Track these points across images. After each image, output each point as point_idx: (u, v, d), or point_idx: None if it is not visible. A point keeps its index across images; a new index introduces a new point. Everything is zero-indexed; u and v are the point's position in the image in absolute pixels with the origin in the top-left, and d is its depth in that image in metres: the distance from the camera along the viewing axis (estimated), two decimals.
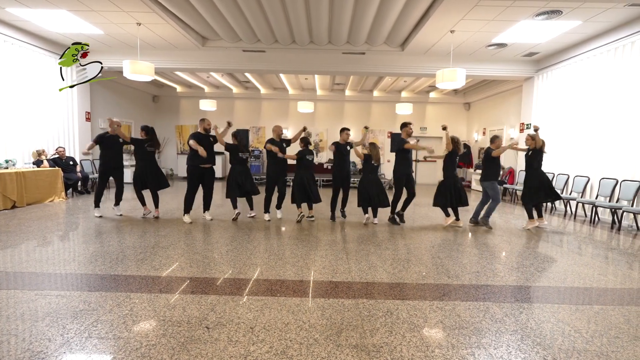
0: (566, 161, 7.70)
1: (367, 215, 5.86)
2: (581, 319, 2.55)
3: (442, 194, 5.69)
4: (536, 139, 5.44)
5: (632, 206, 5.78)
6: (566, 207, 7.36)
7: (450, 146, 5.68)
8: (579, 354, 2.10)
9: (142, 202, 6.00)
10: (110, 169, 5.85)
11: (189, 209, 5.65)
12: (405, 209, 5.93)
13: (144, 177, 5.87)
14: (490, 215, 5.68)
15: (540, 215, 5.69)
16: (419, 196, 7.73)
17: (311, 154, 5.98)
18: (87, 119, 9.38)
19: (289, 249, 4.24)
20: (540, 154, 5.51)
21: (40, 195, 6.99)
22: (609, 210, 6.24)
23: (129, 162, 10.78)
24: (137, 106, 12.49)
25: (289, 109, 13.60)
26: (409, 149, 5.74)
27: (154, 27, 7.15)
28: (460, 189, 5.66)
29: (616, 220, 5.94)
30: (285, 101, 13.62)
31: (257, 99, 13.63)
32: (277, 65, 8.90)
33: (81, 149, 9.09)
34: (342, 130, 6.08)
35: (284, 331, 2.28)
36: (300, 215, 5.87)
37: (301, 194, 5.84)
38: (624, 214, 5.86)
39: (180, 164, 13.06)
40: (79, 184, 8.44)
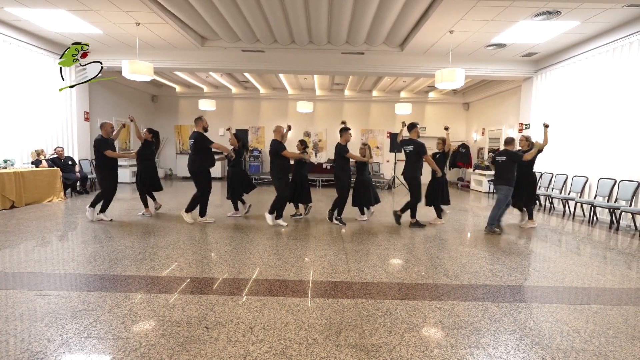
0: (565, 161, 7.72)
1: (371, 209, 6.17)
2: (579, 319, 2.56)
3: (435, 192, 5.90)
4: (531, 140, 5.65)
5: (630, 206, 5.80)
6: (565, 207, 7.37)
7: (449, 146, 5.97)
8: (577, 354, 2.10)
9: (146, 204, 6.14)
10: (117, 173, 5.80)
11: (204, 211, 5.57)
12: (405, 211, 5.87)
13: (145, 178, 6.04)
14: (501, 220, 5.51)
15: (528, 215, 5.89)
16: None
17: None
18: (86, 119, 9.37)
19: (288, 249, 4.24)
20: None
21: (39, 195, 6.98)
22: (607, 210, 6.26)
23: (127, 163, 10.81)
24: (136, 106, 12.47)
25: (288, 109, 13.60)
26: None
27: (153, 27, 7.15)
28: (446, 188, 5.93)
29: (614, 220, 5.96)
30: (284, 101, 13.63)
31: (256, 99, 13.63)
32: (276, 65, 8.90)
33: (80, 149, 9.09)
34: (345, 130, 5.74)
35: (283, 331, 2.28)
36: (298, 213, 6.17)
37: (302, 193, 6.10)
38: (622, 214, 5.88)
39: (179, 164, 13.05)
40: (78, 184, 8.41)
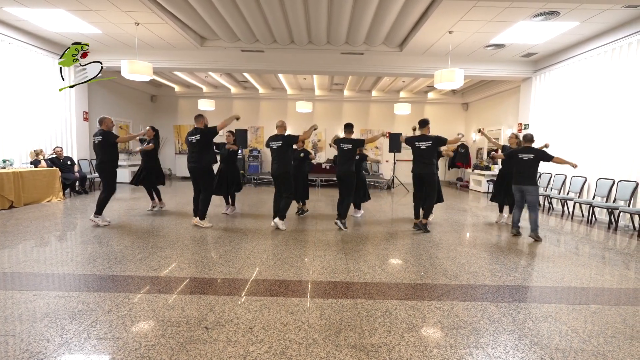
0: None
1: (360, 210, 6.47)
2: (578, 319, 2.56)
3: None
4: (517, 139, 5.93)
5: (628, 206, 5.81)
6: (563, 207, 7.39)
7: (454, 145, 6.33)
8: (575, 354, 2.11)
9: (153, 197, 6.54)
10: None
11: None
12: (428, 216, 5.43)
13: (151, 175, 6.44)
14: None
15: (501, 211, 6.23)
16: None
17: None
18: (85, 119, 9.35)
19: (288, 249, 4.24)
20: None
21: (37, 195, 6.97)
22: (605, 210, 6.28)
23: (127, 163, 10.80)
24: (135, 106, 12.46)
25: (288, 109, 13.60)
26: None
27: (153, 26, 7.14)
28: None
29: (613, 220, 5.99)
30: (283, 101, 13.62)
31: (256, 98, 13.62)
32: (275, 65, 8.90)
33: (79, 149, 9.07)
34: (350, 126, 5.48)
35: (283, 331, 2.28)
36: (305, 209, 6.55)
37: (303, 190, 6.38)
38: (621, 214, 5.89)
39: (178, 163, 13.04)
40: (77, 183, 8.41)
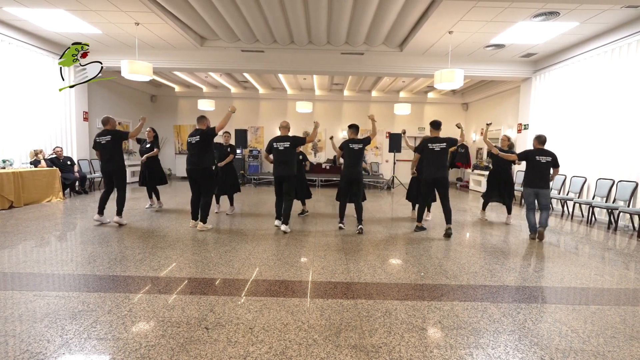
0: (563, 161, 7.67)
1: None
2: (578, 319, 2.57)
3: (418, 189, 6.06)
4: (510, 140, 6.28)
5: (628, 206, 5.82)
6: (563, 207, 7.39)
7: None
8: (575, 354, 2.11)
9: (151, 196, 6.75)
10: None
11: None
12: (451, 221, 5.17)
13: (154, 175, 6.64)
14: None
15: (508, 211, 6.23)
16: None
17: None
18: (85, 119, 9.35)
19: (288, 249, 4.24)
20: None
21: (37, 195, 6.96)
22: (605, 210, 6.28)
23: (128, 162, 10.79)
24: (135, 106, 12.45)
25: (288, 109, 13.59)
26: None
27: (153, 26, 7.14)
28: None
29: (612, 220, 5.99)
30: (283, 101, 13.62)
31: (256, 98, 13.62)
32: (275, 65, 8.90)
33: (79, 149, 9.07)
34: (356, 127, 5.36)
35: (283, 332, 2.28)
36: (306, 210, 6.57)
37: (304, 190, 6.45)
38: (620, 214, 5.90)
39: (178, 163, 13.04)
40: (77, 184, 8.41)
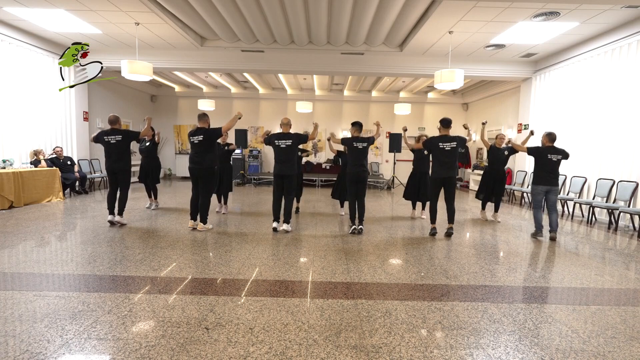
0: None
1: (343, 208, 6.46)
2: (578, 320, 2.57)
3: (414, 187, 6.19)
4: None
5: (628, 207, 5.82)
6: (563, 207, 7.39)
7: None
8: (576, 354, 2.11)
9: (150, 195, 6.83)
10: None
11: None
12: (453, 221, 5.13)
13: (154, 173, 6.74)
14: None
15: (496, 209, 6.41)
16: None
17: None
18: (85, 119, 9.35)
19: (288, 249, 4.24)
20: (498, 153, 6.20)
21: (37, 195, 6.96)
22: (605, 210, 6.28)
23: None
24: (135, 106, 12.45)
25: (288, 109, 13.59)
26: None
27: (153, 27, 7.14)
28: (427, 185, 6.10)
29: (613, 220, 5.99)
30: (283, 101, 13.62)
31: (256, 98, 13.62)
32: (275, 65, 8.90)
33: (79, 149, 9.07)
34: (360, 125, 5.26)
35: (283, 332, 2.28)
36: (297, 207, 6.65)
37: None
38: (621, 214, 5.90)
39: (178, 163, 13.04)
40: (77, 184, 8.41)
